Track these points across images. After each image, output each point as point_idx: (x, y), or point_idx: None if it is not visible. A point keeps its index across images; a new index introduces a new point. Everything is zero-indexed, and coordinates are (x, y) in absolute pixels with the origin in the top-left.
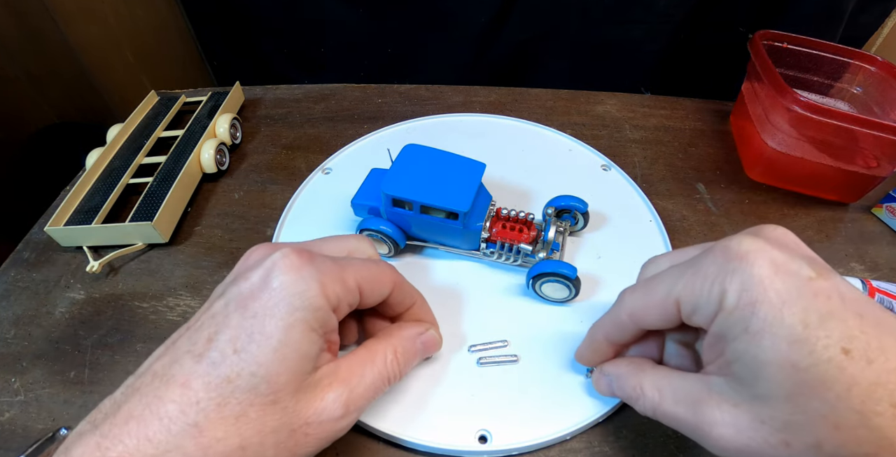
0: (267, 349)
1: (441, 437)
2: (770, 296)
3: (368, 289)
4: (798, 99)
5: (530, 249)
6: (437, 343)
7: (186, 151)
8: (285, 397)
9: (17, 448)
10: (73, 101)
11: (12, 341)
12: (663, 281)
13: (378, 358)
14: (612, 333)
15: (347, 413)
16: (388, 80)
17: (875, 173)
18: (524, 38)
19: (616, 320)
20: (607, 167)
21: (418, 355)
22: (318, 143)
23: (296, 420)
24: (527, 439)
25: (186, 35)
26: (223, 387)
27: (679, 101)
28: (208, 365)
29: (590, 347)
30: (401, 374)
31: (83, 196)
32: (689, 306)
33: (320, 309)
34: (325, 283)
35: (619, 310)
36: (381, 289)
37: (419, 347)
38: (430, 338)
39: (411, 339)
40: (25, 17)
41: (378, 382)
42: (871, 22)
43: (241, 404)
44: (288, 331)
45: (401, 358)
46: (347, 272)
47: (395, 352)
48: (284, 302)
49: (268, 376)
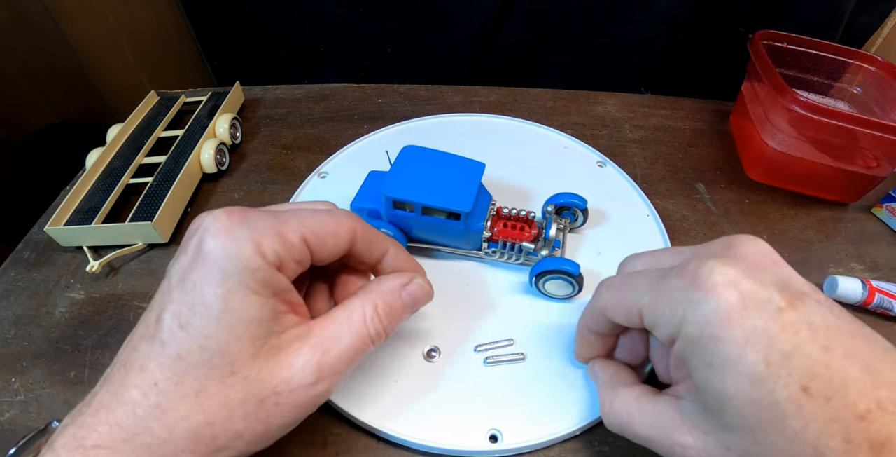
0: (210, 320)
1: (451, 438)
2: (734, 333)
3: (318, 241)
4: (798, 99)
5: (532, 248)
6: (425, 293)
7: (186, 151)
8: (243, 367)
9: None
10: (73, 101)
11: (12, 341)
12: (634, 288)
13: (355, 315)
14: (592, 324)
15: (321, 378)
16: (388, 80)
17: (875, 173)
18: (524, 38)
19: (593, 313)
20: (603, 164)
21: (406, 309)
22: (317, 143)
23: (262, 390)
24: (537, 437)
25: (186, 35)
26: (176, 365)
27: (679, 101)
28: (159, 346)
29: (579, 339)
30: (385, 332)
31: (83, 196)
32: (650, 322)
33: (258, 269)
34: (259, 240)
35: (594, 303)
36: (336, 240)
37: (405, 299)
38: (417, 287)
39: (394, 291)
40: (25, 17)
41: (357, 342)
42: (871, 22)
43: (198, 379)
44: (227, 298)
45: (383, 313)
46: (288, 225)
47: (374, 307)
48: (217, 268)
49: (217, 347)
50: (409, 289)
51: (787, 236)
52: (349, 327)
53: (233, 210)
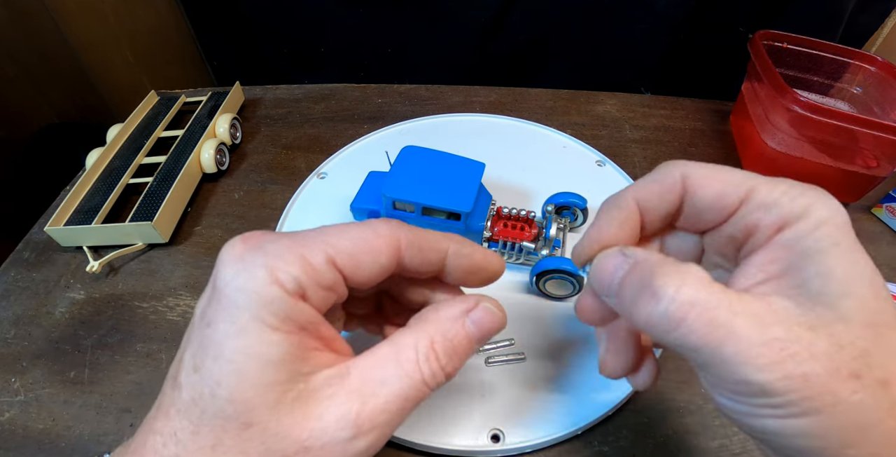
0: (221, 362)
1: (453, 437)
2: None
3: (350, 262)
4: (798, 99)
5: (533, 247)
6: (495, 320)
7: (186, 151)
8: (262, 418)
9: (16, 448)
10: (73, 102)
11: (12, 341)
12: (735, 171)
13: (405, 354)
14: (651, 196)
15: (361, 433)
16: (388, 80)
17: (875, 173)
18: (524, 38)
19: (663, 182)
20: (602, 163)
21: (472, 343)
22: (317, 143)
23: (286, 446)
24: (539, 437)
25: (186, 35)
26: (192, 412)
27: (679, 101)
28: (178, 390)
29: (611, 213)
30: (445, 373)
31: (83, 196)
32: (767, 199)
33: (274, 300)
34: (274, 266)
35: (669, 169)
36: (374, 257)
37: (470, 329)
38: (484, 313)
39: (455, 320)
40: (25, 17)
41: (408, 388)
42: (871, 22)
43: (214, 430)
44: (239, 336)
45: (441, 350)
46: (311, 246)
47: (430, 343)
48: (229, 302)
49: (229, 394)
50: (474, 316)
51: None
52: (397, 369)
53: (250, 235)
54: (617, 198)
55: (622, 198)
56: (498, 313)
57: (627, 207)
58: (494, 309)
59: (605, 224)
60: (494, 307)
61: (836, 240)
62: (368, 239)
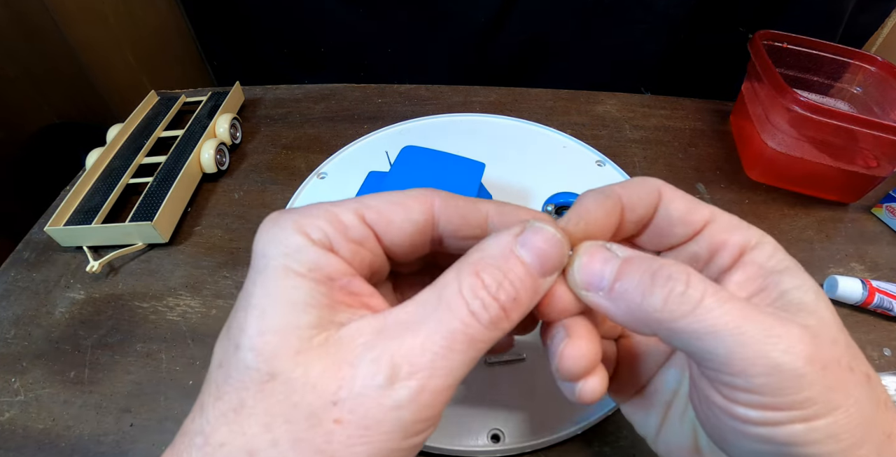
0: (247, 311)
1: (453, 437)
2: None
3: (380, 218)
4: (798, 99)
5: None
6: (551, 239)
7: (186, 151)
8: (285, 366)
9: (16, 448)
10: (73, 101)
11: (12, 341)
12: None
13: (448, 290)
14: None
15: (398, 379)
16: (388, 80)
17: (875, 173)
18: (524, 38)
19: (642, 187)
20: (602, 163)
21: (529, 271)
22: (317, 143)
23: (314, 399)
24: (539, 437)
25: (186, 35)
26: (218, 376)
27: (679, 101)
28: (213, 358)
29: (598, 199)
30: (500, 305)
31: (83, 196)
32: (723, 226)
33: (301, 249)
34: (302, 221)
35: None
36: (406, 214)
37: (523, 255)
38: (535, 235)
39: (503, 247)
40: (25, 17)
41: (451, 321)
42: (871, 22)
43: (237, 390)
44: (265, 282)
45: (490, 277)
46: (343, 205)
47: (474, 271)
48: (260, 255)
49: (250, 342)
50: (524, 239)
51: (787, 236)
52: (438, 304)
53: (287, 209)
54: (604, 189)
55: (609, 189)
56: (553, 234)
57: (614, 197)
58: (550, 229)
59: (593, 207)
60: (548, 225)
61: (792, 262)
62: (401, 199)
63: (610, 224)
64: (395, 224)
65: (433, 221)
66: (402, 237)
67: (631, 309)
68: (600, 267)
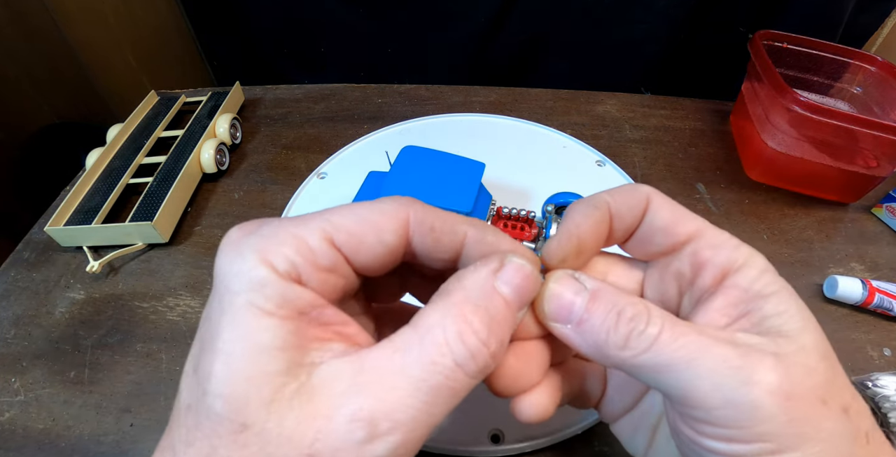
0: (214, 354)
1: (453, 437)
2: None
3: (351, 239)
4: (798, 99)
5: (533, 247)
6: (530, 278)
7: (186, 151)
8: (258, 417)
9: (16, 448)
10: (73, 102)
11: (12, 341)
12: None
13: (431, 335)
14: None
15: (377, 435)
16: (388, 80)
17: (875, 173)
18: (524, 38)
19: (630, 196)
20: (602, 163)
21: (510, 309)
22: (317, 143)
23: (289, 450)
24: (539, 437)
25: (186, 35)
26: (187, 419)
27: (679, 101)
28: (178, 395)
29: (580, 217)
30: (490, 351)
31: (83, 196)
32: (708, 243)
33: (267, 284)
34: (264, 248)
35: (634, 190)
36: (378, 235)
37: (504, 292)
38: (515, 271)
39: (483, 284)
40: (25, 17)
41: (434, 375)
42: (871, 22)
43: (208, 437)
44: (231, 323)
45: (479, 321)
46: (308, 225)
47: (461, 316)
48: (225, 289)
49: (219, 389)
50: (504, 276)
51: (787, 236)
52: (421, 354)
53: (248, 222)
54: (592, 198)
55: (598, 199)
56: (530, 270)
57: (603, 207)
58: (526, 263)
59: (582, 220)
60: (526, 262)
61: (781, 285)
62: (372, 216)
63: (599, 236)
64: (366, 245)
65: (407, 240)
66: (373, 258)
67: (597, 344)
68: (570, 299)
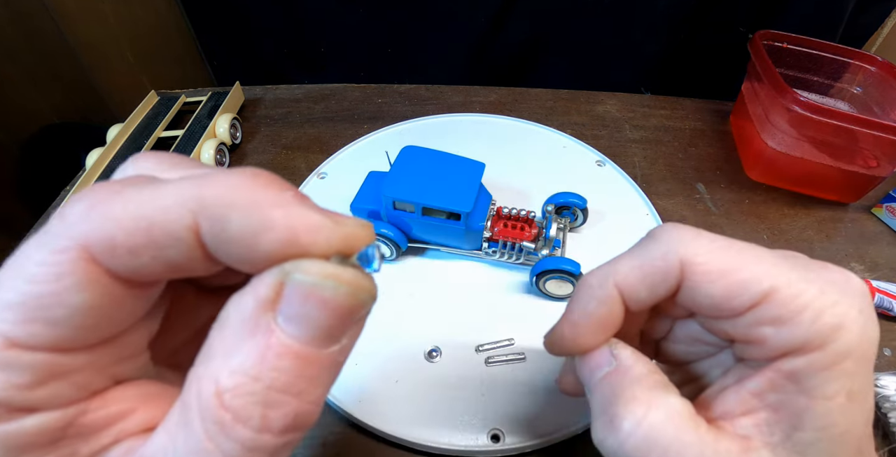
0: None
1: (453, 438)
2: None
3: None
4: (798, 99)
5: (533, 247)
6: (332, 291)
7: (186, 151)
8: None
9: None
10: (73, 102)
11: None
12: (757, 254)
13: (192, 423)
14: (643, 279)
15: None
16: (388, 80)
17: (875, 173)
18: (524, 38)
19: (654, 264)
20: (602, 163)
21: (307, 352)
22: (317, 143)
23: None
24: (539, 437)
25: (186, 35)
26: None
27: (679, 101)
28: None
29: (588, 305)
30: (274, 430)
31: None
32: (787, 309)
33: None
34: None
35: (662, 247)
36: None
37: (287, 334)
38: (303, 293)
39: (248, 331)
40: (25, 17)
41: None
42: (871, 22)
43: None
44: None
45: (240, 404)
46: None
47: (215, 396)
48: None
49: None
50: (287, 309)
51: (787, 236)
52: (186, 451)
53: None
54: (595, 287)
55: (602, 288)
56: (331, 285)
57: (607, 300)
58: (312, 276)
59: (582, 323)
60: (315, 267)
61: (852, 385)
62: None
63: (604, 335)
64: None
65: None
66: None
67: (598, 408)
68: (590, 371)
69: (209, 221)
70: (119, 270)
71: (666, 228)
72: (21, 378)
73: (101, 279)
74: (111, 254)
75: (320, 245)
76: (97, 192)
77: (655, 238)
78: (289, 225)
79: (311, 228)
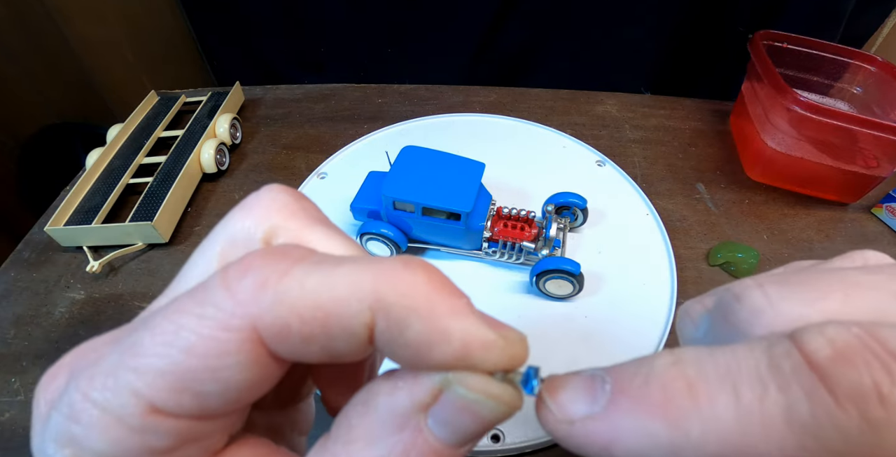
0: None
1: None
2: None
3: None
4: (798, 99)
5: (533, 247)
6: (482, 411)
7: (186, 151)
8: None
9: (17, 448)
10: (73, 102)
11: (12, 341)
12: None
13: None
14: None
15: None
16: (388, 80)
17: (875, 173)
18: (524, 38)
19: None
20: (601, 163)
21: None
22: (317, 143)
23: None
24: (539, 436)
25: (186, 35)
26: None
27: (679, 101)
28: None
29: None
30: None
31: (83, 196)
32: None
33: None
34: (72, 432)
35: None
36: (215, 383)
37: (436, 436)
38: (456, 405)
39: (400, 427)
40: (26, 17)
41: None
42: (871, 22)
43: None
44: None
45: None
46: (124, 397)
47: None
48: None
49: None
50: (439, 413)
51: (787, 236)
52: None
53: (80, 355)
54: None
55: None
56: (482, 400)
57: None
58: (475, 393)
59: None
60: (479, 384)
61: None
62: (202, 346)
63: None
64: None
65: (269, 375)
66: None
67: None
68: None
69: (387, 323)
70: (284, 354)
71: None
72: (160, 443)
73: (264, 360)
74: (281, 339)
75: (488, 365)
76: (263, 266)
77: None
78: (464, 340)
79: (484, 346)
